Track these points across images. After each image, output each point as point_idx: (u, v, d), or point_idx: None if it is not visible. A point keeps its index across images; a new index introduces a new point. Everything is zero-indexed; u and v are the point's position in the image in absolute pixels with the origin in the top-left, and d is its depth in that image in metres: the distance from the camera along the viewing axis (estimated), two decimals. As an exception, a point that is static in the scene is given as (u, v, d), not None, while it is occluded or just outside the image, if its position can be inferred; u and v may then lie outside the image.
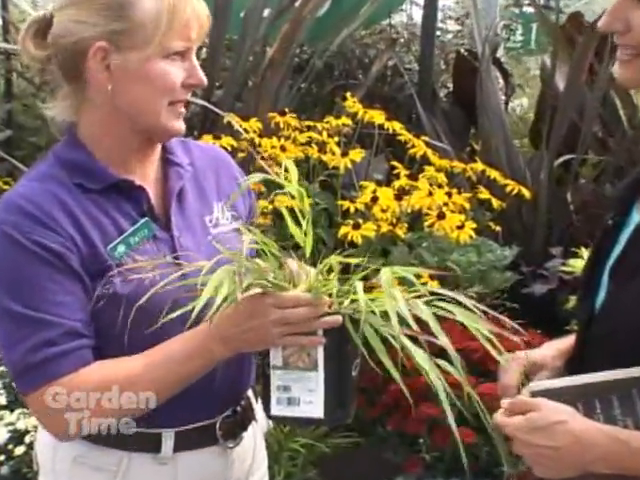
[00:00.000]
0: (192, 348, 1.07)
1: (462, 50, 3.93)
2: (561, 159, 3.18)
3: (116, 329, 1.06)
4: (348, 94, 2.66)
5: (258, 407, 1.25)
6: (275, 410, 1.08)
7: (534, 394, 1.06)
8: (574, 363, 1.13)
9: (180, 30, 1.09)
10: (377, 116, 2.54)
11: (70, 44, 1.09)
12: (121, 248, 1.11)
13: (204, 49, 3.28)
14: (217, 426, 1.19)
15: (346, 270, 1.12)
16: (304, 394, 1.07)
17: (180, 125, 1.15)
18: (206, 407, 1.17)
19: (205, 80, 1.14)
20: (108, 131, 1.14)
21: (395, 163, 2.50)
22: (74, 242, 1.08)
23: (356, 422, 2.15)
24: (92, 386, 1.06)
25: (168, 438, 1.15)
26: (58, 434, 1.10)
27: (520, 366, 1.14)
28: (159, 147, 1.20)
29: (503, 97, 3.95)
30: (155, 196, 1.17)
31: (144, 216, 1.15)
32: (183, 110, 1.14)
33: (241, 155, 2.58)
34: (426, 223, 2.25)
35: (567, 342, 1.22)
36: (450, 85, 4.03)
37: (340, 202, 2.36)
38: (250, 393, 1.26)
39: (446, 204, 2.29)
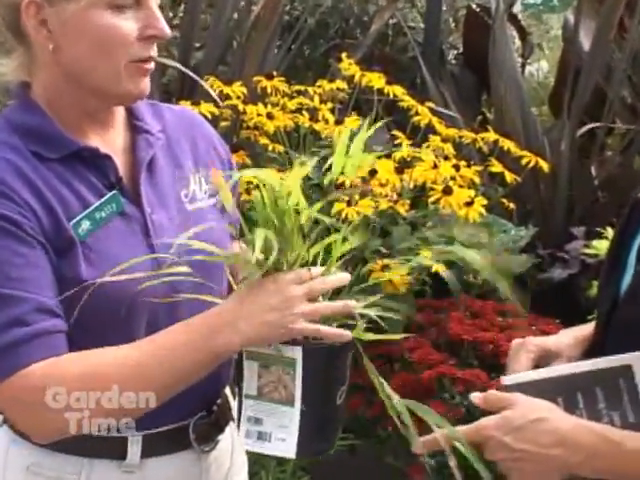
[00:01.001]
0: (195, 338, 1.05)
1: (473, 5, 3.92)
2: (585, 128, 3.16)
3: (84, 318, 1.05)
4: (344, 55, 2.65)
5: (236, 404, 1.25)
6: (244, 442, 1.08)
7: (508, 388, 1.05)
8: (594, 352, 1.12)
9: None
10: (376, 80, 2.52)
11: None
12: (86, 224, 1.10)
13: (182, 5, 3.27)
14: (190, 428, 1.18)
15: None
16: (276, 430, 1.07)
17: (143, 86, 1.13)
18: (177, 407, 1.13)
19: (167, 31, 1.11)
20: (61, 93, 1.13)
21: (396, 132, 2.48)
22: (34, 212, 1.07)
23: (353, 422, 2.16)
24: (71, 378, 1.03)
25: (134, 443, 1.14)
26: (33, 429, 1.07)
27: (530, 353, 1.13)
28: (120, 111, 1.19)
29: (520, 59, 3.94)
30: (123, 167, 1.16)
31: (112, 189, 1.13)
32: (147, 66, 1.12)
33: (224, 124, 2.58)
34: (431, 199, 2.23)
35: (586, 329, 1.22)
36: (460, 45, 4.01)
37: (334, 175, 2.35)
38: (227, 390, 1.25)
39: (453, 178, 2.28)
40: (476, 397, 1.06)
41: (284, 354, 1.06)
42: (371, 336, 1.08)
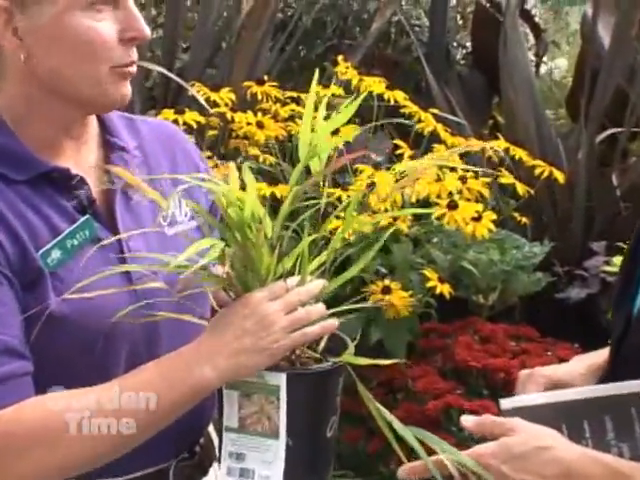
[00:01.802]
0: (171, 376, 1.05)
1: (483, 1, 3.94)
2: (605, 133, 3.18)
3: (52, 356, 1.06)
4: (341, 58, 2.67)
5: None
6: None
7: (506, 413, 1.04)
8: (607, 381, 1.12)
9: None
10: (376, 85, 2.54)
11: None
12: (56, 253, 1.10)
13: (163, 3, 3.29)
14: (171, 472, 1.18)
15: (341, 270, 1.14)
16: (260, 466, 1.05)
17: (125, 91, 1.13)
18: (156, 449, 1.13)
19: (147, 32, 1.12)
20: (33, 108, 1.13)
21: (398, 142, 2.51)
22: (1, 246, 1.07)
23: (352, 458, 2.16)
24: (39, 425, 1.04)
25: None
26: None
27: (539, 385, 1.13)
28: (94, 125, 1.19)
29: (533, 58, 3.96)
30: (96, 188, 1.16)
31: (84, 213, 1.14)
32: (130, 70, 1.12)
33: (211, 133, 2.60)
34: (435, 214, 2.25)
35: (602, 356, 1.21)
36: (468, 45, 4.04)
37: (329, 189, 2.37)
38: (211, 427, 1.26)
39: (459, 191, 2.30)
40: (468, 421, 1.04)
41: (267, 381, 1.05)
42: (363, 361, 1.07)
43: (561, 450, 0.98)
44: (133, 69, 1.13)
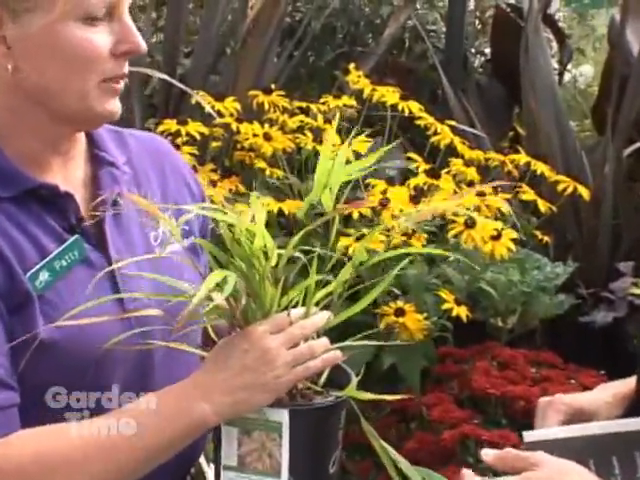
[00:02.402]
0: (166, 413, 1.06)
1: (503, 5, 3.96)
2: (633, 147, 3.19)
3: (39, 382, 1.07)
4: (352, 65, 2.69)
5: (211, 472, 1.26)
6: None
7: (529, 445, 1.04)
8: (634, 412, 1.14)
9: None
10: (389, 94, 2.55)
11: None
12: (44, 275, 1.10)
13: (165, 5, 3.32)
14: None
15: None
16: None
17: (114, 107, 1.14)
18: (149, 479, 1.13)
19: (143, 45, 1.13)
20: (18, 120, 1.13)
21: (412, 155, 2.52)
22: None
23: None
24: (27, 460, 1.04)
25: None
26: None
27: (560, 414, 1.13)
28: (81, 140, 1.20)
29: (557, 65, 3.97)
30: (84, 206, 1.16)
31: (73, 232, 1.14)
32: (119, 86, 1.14)
33: (215, 145, 2.62)
34: (451, 233, 2.26)
35: (628, 385, 1.22)
36: (487, 52, 4.05)
37: (340, 205, 2.38)
38: (202, 458, 1.28)
39: (477, 208, 2.31)
40: (488, 455, 1.05)
41: (268, 417, 1.06)
42: (368, 396, 1.09)
43: None
44: (121, 84, 1.15)
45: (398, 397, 1.17)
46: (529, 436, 1.07)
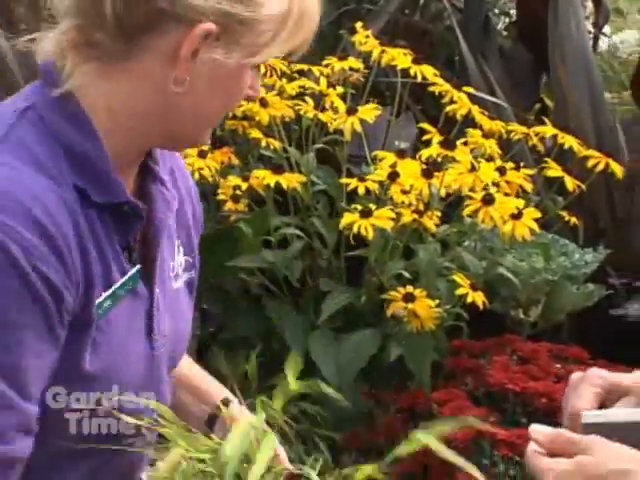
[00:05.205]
0: None
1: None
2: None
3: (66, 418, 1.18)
4: (359, 25, 2.68)
5: None
6: None
7: (586, 428, 1.06)
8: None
9: (294, 42, 1.21)
10: (400, 57, 2.55)
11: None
12: (107, 302, 1.17)
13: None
14: None
15: (355, 276, 1.21)
16: None
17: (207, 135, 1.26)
18: None
19: (259, 92, 1.29)
20: (135, 124, 1.18)
21: (425, 125, 2.51)
22: (77, 285, 1.13)
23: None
24: None
25: None
26: None
27: (596, 387, 1.14)
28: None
29: (592, 29, 4.01)
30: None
31: (129, 253, 1.21)
32: None
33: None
34: (467, 211, 2.29)
35: None
36: (512, 12, 4.10)
37: (345, 180, 2.43)
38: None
39: (497, 184, 2.32)
40: (538, 433, 1.05)
41: None
42: None
43: None
44: None
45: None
46: (588, 417, 1.07)
